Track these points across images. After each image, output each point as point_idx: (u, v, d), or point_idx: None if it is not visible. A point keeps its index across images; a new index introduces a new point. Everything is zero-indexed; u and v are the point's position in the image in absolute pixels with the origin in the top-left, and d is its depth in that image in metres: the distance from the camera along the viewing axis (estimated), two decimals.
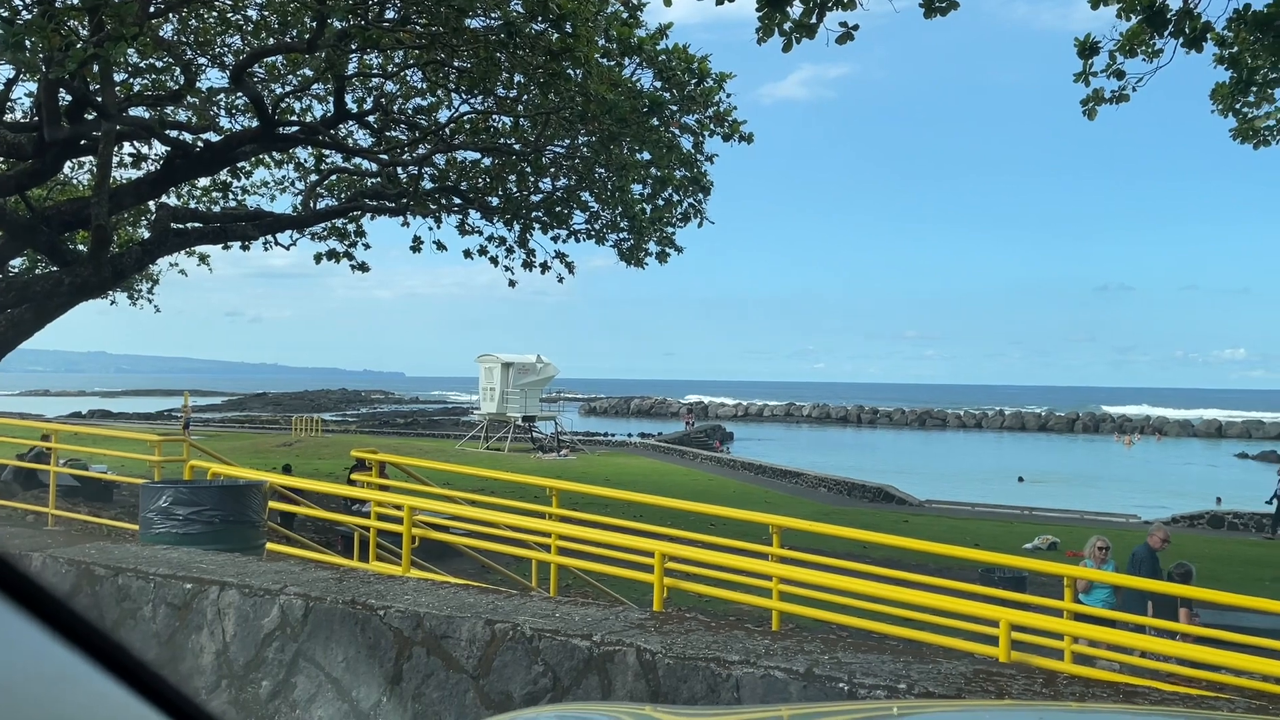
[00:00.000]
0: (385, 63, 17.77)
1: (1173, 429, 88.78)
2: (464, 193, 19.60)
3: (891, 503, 32.17)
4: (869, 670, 3.24)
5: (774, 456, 47.92)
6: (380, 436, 54.33)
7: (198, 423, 59.77)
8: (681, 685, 3.51)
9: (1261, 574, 19.47)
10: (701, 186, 19.46)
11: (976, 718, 1.56)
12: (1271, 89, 12.11)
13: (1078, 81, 11.77)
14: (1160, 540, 11.57)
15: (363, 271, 21.65)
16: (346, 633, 4.40)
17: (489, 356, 50.26)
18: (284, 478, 11.47)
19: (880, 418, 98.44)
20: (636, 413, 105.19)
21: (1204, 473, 51.27)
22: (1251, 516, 28.63)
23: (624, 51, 16.24)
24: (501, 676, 3.93)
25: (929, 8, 10.50)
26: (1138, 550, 11.53)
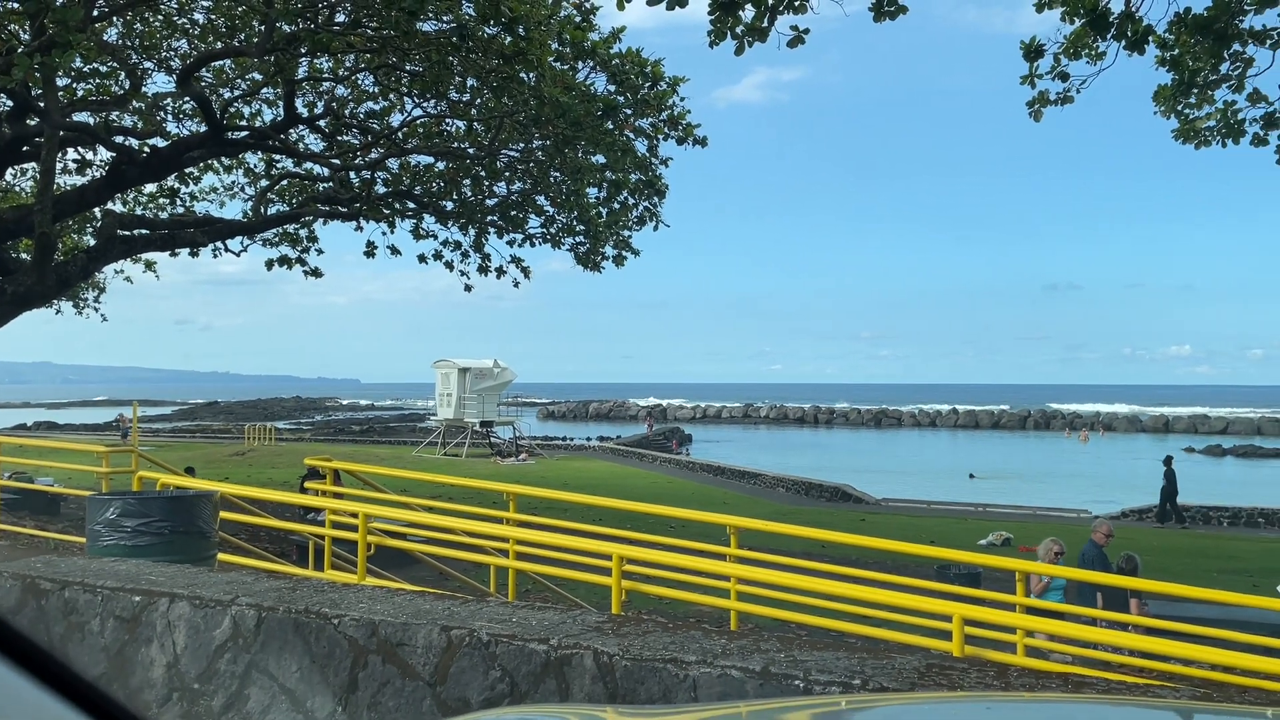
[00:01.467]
0: (336, 67, 17.61)
1: (1121, 425, 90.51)
2: (418, 197, 19.47)
3: (849, 502, 32.44)
4: (824, 667, 3.27)
5: (732, 458, 48.11)
6: (336, 444, 53.74)
7: (146, 433, 58.71)
8: (639, 687, 3.51)
9: (1208, 565, 19.91)
10: (656, 190, 19.50)
11: (923, 710, 1.58)
12: (1212, 90, 12.40)
13: (1024, 84, 11.97)
14: (1104, 535, 11.80)
15: (316, 277, 21.42)
16: (300, 642, 4.34)
17: (446, 362, 49.94)
18: (237, 487, 11.29)
19: (837, 418, 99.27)
20: (595, 416, 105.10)
21: (1153, 467, 52.28)
22: (1199, 509, 29.27)
23: (577, 55, 16.23)
24: (458, 683, 3.91)
25: (878, 11, 10.62)
26: (1086, 550, 11.76)
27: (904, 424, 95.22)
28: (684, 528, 17.26)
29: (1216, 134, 12.67)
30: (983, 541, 22.71)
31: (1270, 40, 11.37)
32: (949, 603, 5.96)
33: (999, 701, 1.73)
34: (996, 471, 46.13)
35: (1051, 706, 1.63)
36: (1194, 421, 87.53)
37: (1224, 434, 78.69)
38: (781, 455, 55.40)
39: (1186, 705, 1.94)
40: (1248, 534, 26.41)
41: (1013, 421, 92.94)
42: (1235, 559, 21.15)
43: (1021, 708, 1.62)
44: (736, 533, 8.73)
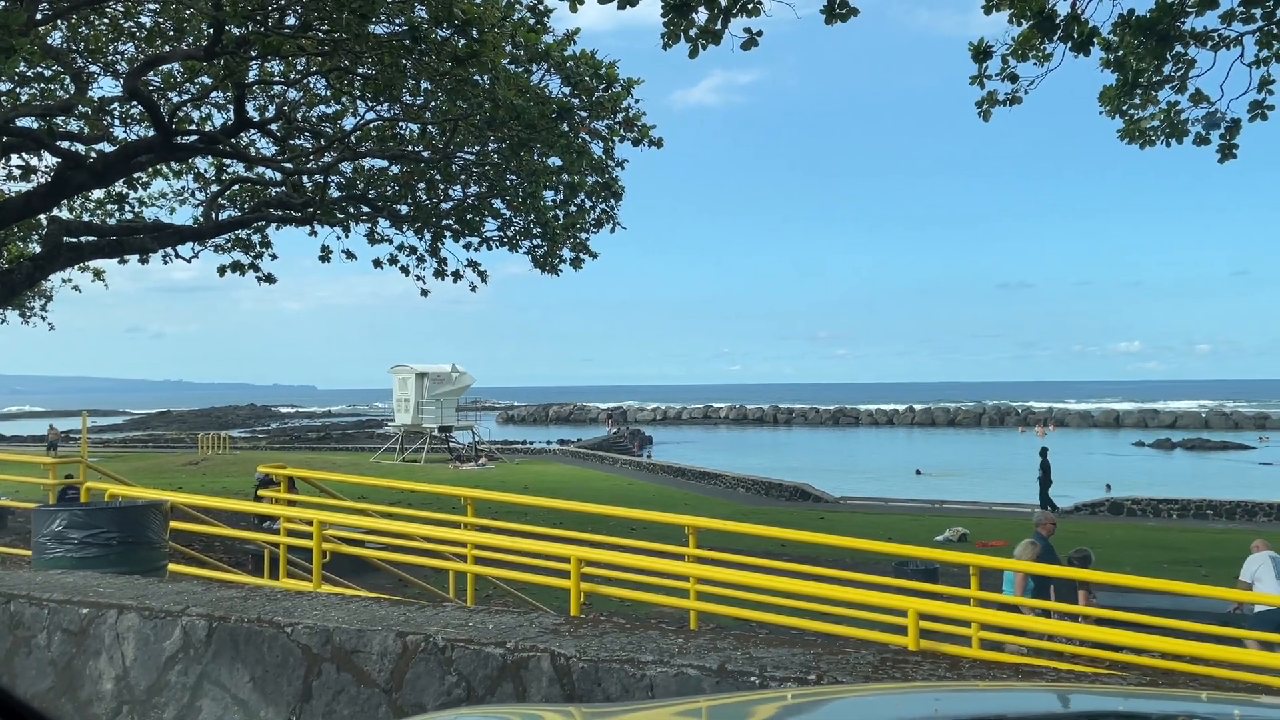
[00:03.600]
0: (287, 70, 17.41)
1: (1074, 420, 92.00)
2: (372, 201, 19.30)
3: (808, 500, 32.65)
4: (780, 663, 3.28)
5: (693, 459, 48.23)
6: (292, 452, 53.08)
7: (96, 444, 57.60)
8: (596, 688, 3.51)
9: (1159, 556, 20.29)
10: (613, 192, 19.50)
11: (870, 701, 1.59)
12: (1155, 91, 12.64)
13: (973, 84, 12.13)
14: (1050, 528, 12.02)
15: (269, 283, 21.15)
16: (253, 652, 4.28)
17: (403, 367, 49.55)
18: (189, 496, 11.12)
19: (795, 417, 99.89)
20: (555, 419, 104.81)
21: (1104, 461, 53.27)
22: (1149, 502, 29.85)
23: (531, 58, 16.19)
24: (414, 689, 3.88)
25: (829, 13, 10.71)
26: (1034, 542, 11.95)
27: (862, 423, 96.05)
28: (644, 529, 17.27)
29: (1160, 134, 12.92)
30: (939, 538, 22.97)
31: (1211, 42, 11.63)
32: (905, 598, 6.02)
33: (947, 691, 1.76)
34: (946, 468, 46.70)
35: (997, 694, 1.66)
36: (1144, 416, 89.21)
37: (1172, 428, 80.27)
38: (741, 456, 55.64)
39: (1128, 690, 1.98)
40: (1196, 525, 26.97)
41: (968, 419, 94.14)
42: (1184, 550, 21.59)
43: (968, 696, 1.64)
44: (696, 533, 8.75)
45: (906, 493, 35.29)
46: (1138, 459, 57.00)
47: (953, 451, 61.22)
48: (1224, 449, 61.70)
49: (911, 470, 46.81)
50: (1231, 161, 12.69)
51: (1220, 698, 1.70)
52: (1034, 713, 1.36)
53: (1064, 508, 29.53)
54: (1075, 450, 62.24)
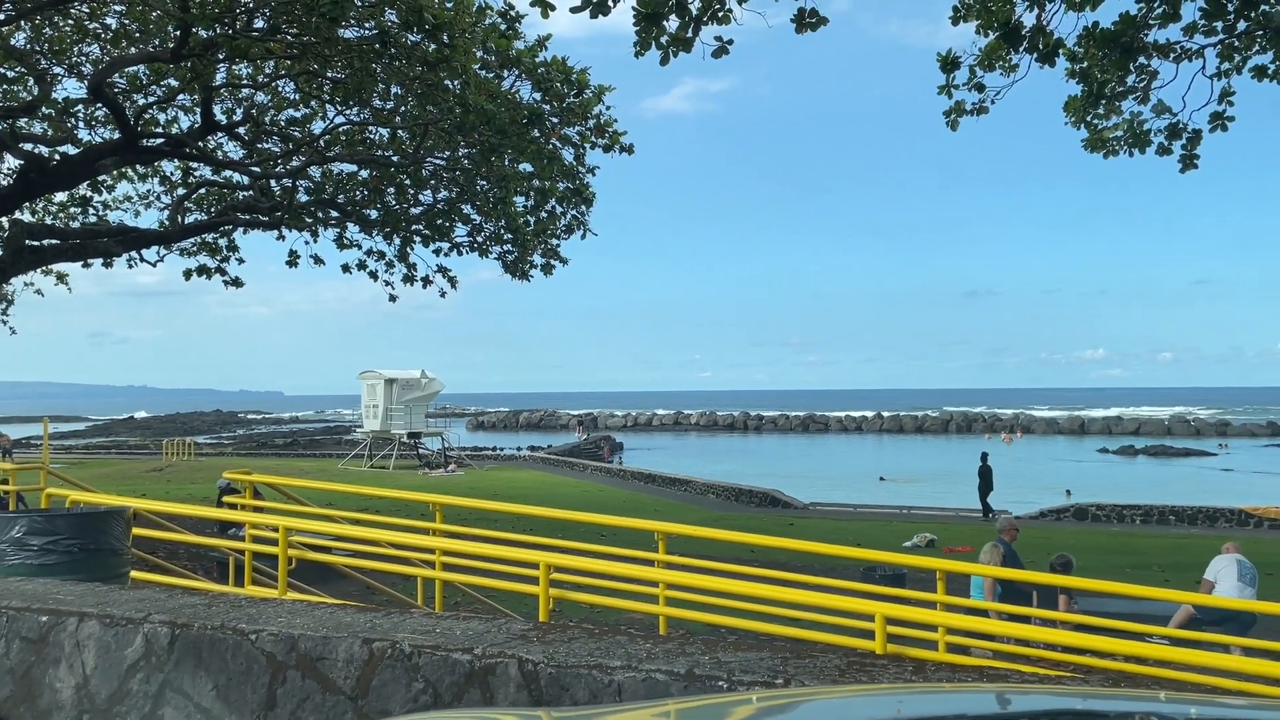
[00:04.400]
0: (255, 73, 17.27)
1: (1040, 427, 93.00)
2: (341, 205, 19.18)
3: (777, 507, 32.77)
4: (747, 668, 3.30)
5: (663, 465, 48.26)
6: (258, 458, 52.55)
7: (59, 450, 56.74)
8: (563, 693, 3.50)
9: (1122, 561, 20.55)
10: (584, 198, 19.50)
11: (834, 704, 1.60)
12: (1119, 102, 12.83)
13: (941, 94, 12.27)
14: (1013, 534, 12.15)
15: (236, 287, 20.96)
16: (216, 659, 4.23)
17: (371, 373, 49.22)
18: (153, 503, 10.96)
19: (765, 424, 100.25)
20: (526, 426, 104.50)
21: (1069, 468, 53.86)
22: (1113, 508, 30.22)
23: (502, 64, 16.16)
24: (380, 696, 3.85)
25: (799, 23, 10.79)
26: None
27: (831, 429, 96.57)
28: (614, 535, 17.26)
29: (1124, 144, 13.11)
30: (908, 543, 23.12)
31: (1173, 54, 11.83)
32: (872, 602, 6.05)
33: (911, 693, 1.77)
34: (911, 474, 47.07)
35: (960, 696, 1.67)
36: (1108, 423, 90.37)
37: (1136, 435, 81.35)
38: (712, 462, 55.76)
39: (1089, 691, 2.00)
40: (1159, 530, 27.33)
41: (936, 425, 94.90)
42: (1147, 555, 21.88)
43: (931, 698, 1.66)
44: (665, 539, 8.75)
45: (875, 499, 35.52)
46: (1102, 465, 57.72)
47: (919, 458, 61.66)
48: (1186, 455, 62.65)
49: (879, 476, 47.14)
50: (1193, 172, 12.91)
51: (1178, 698, 1.73)
52: (996, 713, 1.37)
53: (1029, 513, 29.83)
54: (1041, 457, 62.90)
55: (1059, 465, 55.82)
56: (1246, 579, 11.24)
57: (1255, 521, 27.98)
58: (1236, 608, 10.22)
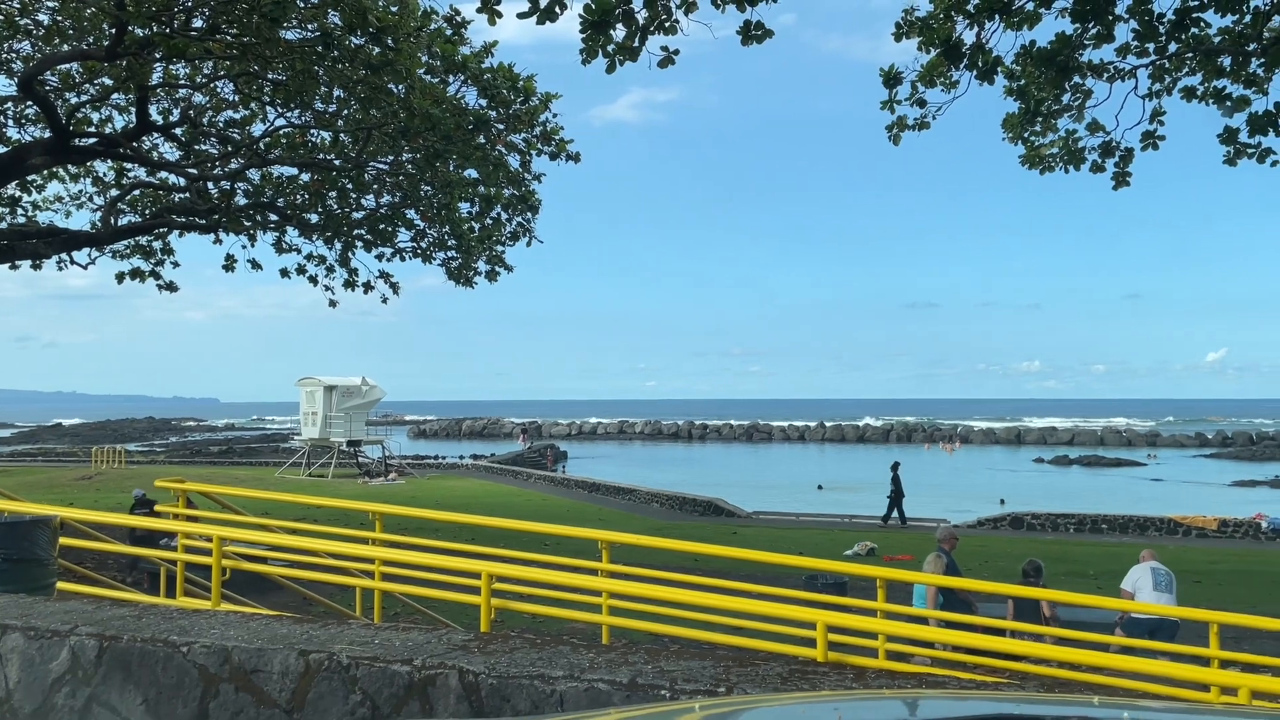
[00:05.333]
0: (193, 73, 16.95)
1: (978, 437, 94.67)
2: (280, 209, 18.87)
3: (721, 515, 32.88)
4: (690, 676, 3.29)
5: (607, 474, 48.19)
6: (192, 466, 51.41)
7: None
8: (505, 704, 3.46)
9: (1056, 569, 20.92)
10: (530, 205, 19.44)
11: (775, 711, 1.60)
12: (1054, 119, 13.14)
13: (884, 109, 12.46)
14: (952, 543, 12.36)
15: (170, 291, 20.51)
16: (146, 673, 4.11)
17: (310, 380, 48.44)
18: (81, 512, 10.65)
19: (710, 433, 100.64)
20: (469, 434, 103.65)
21: (1006, 477, 54.88)
22: (1048, 517, 30.84)
23: (448, 69, 16.06)
24: (317, 709, 3.77)
25: (745, 34, 10.89)
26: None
27: (774, 438, 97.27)
28: (558, 544, 17.17)
29: (1059, 160, 13.43)
30: (848, 552, 23.34)
31: (1107, 74, 12.15)
32: (814, 610, 6.09)
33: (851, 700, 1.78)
34: (851, 483, 47.62)
35: (899, 702, 1.68)
36: (1043, 434, 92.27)
37: (1070, 445, 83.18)
38: (656, 471, 55.80)
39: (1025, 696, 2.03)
40: (1091, 539, 27.95)
41: (876, 435, 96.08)
42: (1081, 563, 22.35)
43: (871, 704, 1.66)
44: (609, 548, 8.73)
45: (817, 508, 35.83)
46: (1037, 475, 58.89)
47: (860, 467, 62.34)
48: (1118, 465, 64.18)
49: (824, 484, 47.58)
50: (1125, 189, 13.27)
51: (1110, 702, 1.77)
52: (934, 718, 1.38)
53: (967, 522, 30.30)
54: (979, 466, 64.03)
55: (996, 475, 56.86)
56: (1163, 586, 11.50)
57: (1184, 530, 28.77)
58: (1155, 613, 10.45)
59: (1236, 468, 61.39)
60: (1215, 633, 6.73)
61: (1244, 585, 19.74)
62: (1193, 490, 47.23)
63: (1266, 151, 12.03)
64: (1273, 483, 49.63)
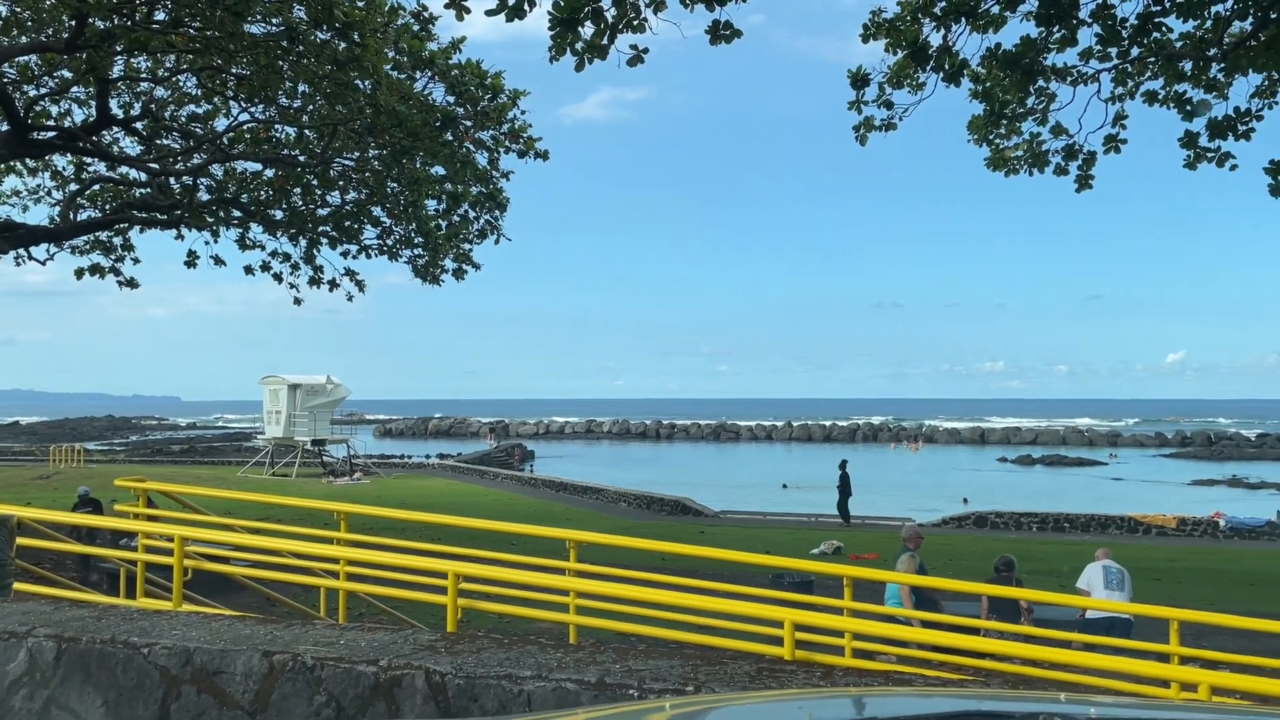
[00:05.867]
0: (155, 66, 16.70)
1: (943, 437, 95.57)
2: (244, 205, 18.64)
3: (689, 515, 32.94)
4: (659, 675, 3.28)
5: (575, 473, 48.12)
6: (153, 465, 50.70)
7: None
8: (472, 705, 3.43)
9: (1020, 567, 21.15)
10: (498, 203, 19.35)
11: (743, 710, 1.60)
12: (1019, 122, 13.29)
13: (851, 109, 12.53)
14: (917, 541, 12.45)
15: (131, 288, 20.22)
16: (106, 675, 4.04)
17: (274, 378, 47.94)
18: (39, 511, 10.46)
19: (678, 432, 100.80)
20: (435, 433, 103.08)
21: (970, 476, 55.43)
22: (1011, 515, 31.19)
23: (415, 65, 15.95)
24: (281, 710, 3.72)
25: (714, 34, 10.91)
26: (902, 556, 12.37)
27: (742, 438, 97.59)
28: (525, 544, 17.11)
29: (1023, 163, 13.58)
30: (815, 551, 23.46)
31: (1070, 77, 12.30)
32: (782, 609, 6.11)
33: (819, 698, 1.78)
34: (816, 482, 47.90)
35: (867, 699, 1.69)
36: (1007, 433, 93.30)
37: (1033, 444, 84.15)
38: (624, 470, 55.80)
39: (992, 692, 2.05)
40: (1054, 538, 28.30)
41: (843, 434, 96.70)
42: (1043, 561, 22.59)
43: (839, 702, 1.66)
44: (577, 547, 8.70)
45: (784, 506, 35.99)
46: (1001, 474, 59.52)
47: (826, 467, 62.66)
48: (1080, 465, 65.03)
49: (790, 483, 47.81)
50: (1088, 191, 13.44)
51: (1076, 699, 1.78)
52: (903, 716, 1.38)
53: (932, 521, 30.57)
54: (944, 466, 64.62)
55: (961, 474, 57.41)
56: (1114, 584, 11.67)
57: (1144, 529, 29.21)
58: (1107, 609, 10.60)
59: (1195, 467, 62.43)
60: (1175, 629, 6.83)
61: (1203, 583, 20.07)
62: (1153, 489, 47.96)
63: (1226, 155, 12.23)
64: (1230, 482, 50.54)
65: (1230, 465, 61.98)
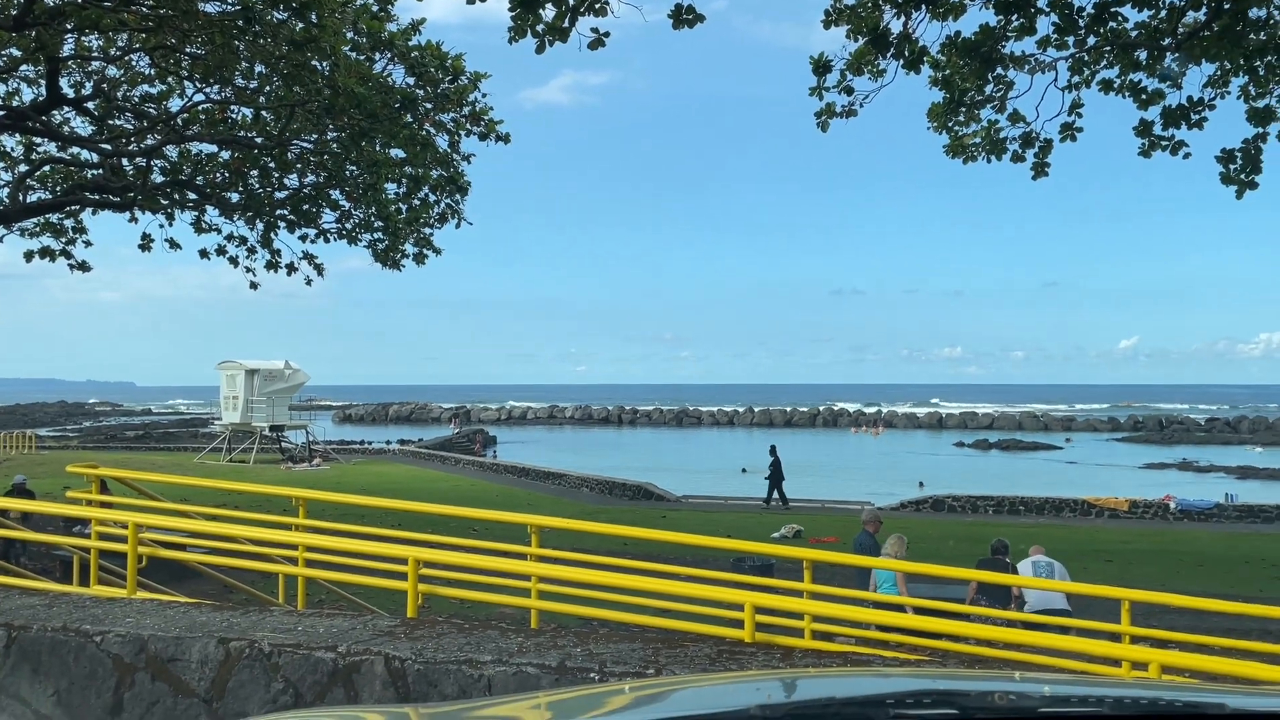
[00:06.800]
0: (107, 45, 16.33)
1: (901, 421, 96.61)
2: (199, 188, 18.33)
3: (651, 499, 33.04)
4: (619, 659, 3.29)
5: (537, 458, 48.05)
6: (107, 451, 49.90)
7: None
8: (432, 690, 3.42)
9: (977, 550, 21.45)
10: (459, 187, 19.19)
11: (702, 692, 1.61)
12: (978, 110, 13.40)
13: (812, 95, 12.57)
14: (875, 526, 12.58)
15: (83, 271, 19.82)
16: (58, 663, 3.98)
17: (231, 363, 47.31)
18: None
19: (640, 417, 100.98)
20: (396, 419, 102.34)
21: (928, 461, 56.11)
22: (967, 499, 31.63)
23: (374, 46, 15.74)
24: (237, 697, 3.69)
25: (677, 18, 10.88)
26: (862, 539, 12.47)
27: (704, 423, 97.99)
28: (486, 529, 17.08)
29: (982, 150, 13.69)
30: (775, 534, 23.65)
31: (1028, 65, 12.42)
32: (742, 592, 6.15)
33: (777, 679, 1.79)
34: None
35: (825, 680, 1.70)
36: (964, 418, 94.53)
37: (990, 429, 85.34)
38: (586, 455, 55.80)
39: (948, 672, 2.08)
40: (1009, 520, 28.73)
41: (804, 419, 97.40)
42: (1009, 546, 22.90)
43: (796, 684, 1.68)
44: (538, 532, 8.69)
45: (745, 491, 36.20)
46: (958, 458, 60.30)
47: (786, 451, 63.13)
48: (1035, 449, 66.07)
49: (750, 468, 48.09)
50: (1044, 179, 13.60)
51: (1030, 677, 1.81)
52: (859, 695, 1.40)
53: (890, 505, 30.92)
54: (902, 450, 65.36)
55: (919, 458, 58.09)
56: (1041, 577, 11.88)
57: (1097, 512, 29.76)
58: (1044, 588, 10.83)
59: (1147, 451, 63.67)
60: (1127, 609, 6.96)
61: (1153, 564, 20.49)
62: (1106, 473, 48.85)
63: (1180, 144, 12.43)
64: (1181, 465, 51.61)
65: (1181, 449, 63.29)
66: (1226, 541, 24.57)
